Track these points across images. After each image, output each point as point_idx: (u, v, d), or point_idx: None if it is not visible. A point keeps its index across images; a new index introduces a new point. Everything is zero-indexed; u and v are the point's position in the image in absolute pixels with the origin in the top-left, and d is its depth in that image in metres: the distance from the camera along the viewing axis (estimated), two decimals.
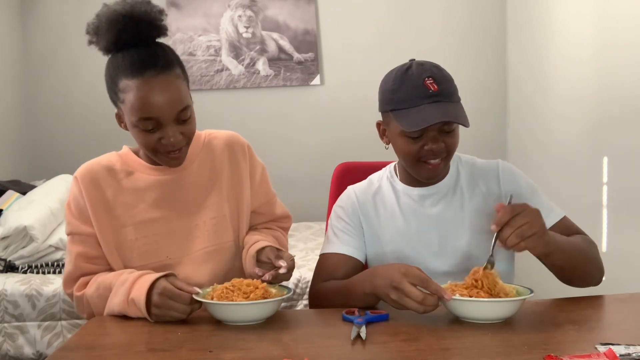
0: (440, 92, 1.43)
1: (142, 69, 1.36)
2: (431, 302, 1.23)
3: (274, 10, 4.08)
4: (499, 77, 4.02)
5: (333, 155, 3.48)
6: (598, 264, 1.49)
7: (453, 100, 1.45)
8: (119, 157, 1.54)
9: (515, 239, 1.26)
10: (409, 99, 1.44)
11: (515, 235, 1.26)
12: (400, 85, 1.46)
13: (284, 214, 1.71)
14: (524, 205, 1.30)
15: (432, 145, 1.44)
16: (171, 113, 1.38)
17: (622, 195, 2.58)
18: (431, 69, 1.45)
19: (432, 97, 1.42)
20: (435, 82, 1.43)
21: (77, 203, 1.49)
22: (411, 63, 1.49)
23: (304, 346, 1.17)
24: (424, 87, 1.42)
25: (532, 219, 1.27)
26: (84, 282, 1.48)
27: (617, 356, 1.03)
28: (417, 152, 1.47)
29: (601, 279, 1.50)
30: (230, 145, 1.60)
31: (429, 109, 1.41)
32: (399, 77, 1.47)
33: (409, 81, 1.44)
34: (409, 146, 1.47)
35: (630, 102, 2.47)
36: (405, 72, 1.47)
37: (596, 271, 1.49)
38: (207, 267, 1.50)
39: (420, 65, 1.47)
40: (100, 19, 1.38)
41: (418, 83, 1.43)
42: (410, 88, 1.44)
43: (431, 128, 1.43)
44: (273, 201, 1.68)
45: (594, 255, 1.48)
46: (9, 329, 2.67)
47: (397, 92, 1.46)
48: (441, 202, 1.55)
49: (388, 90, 1.49)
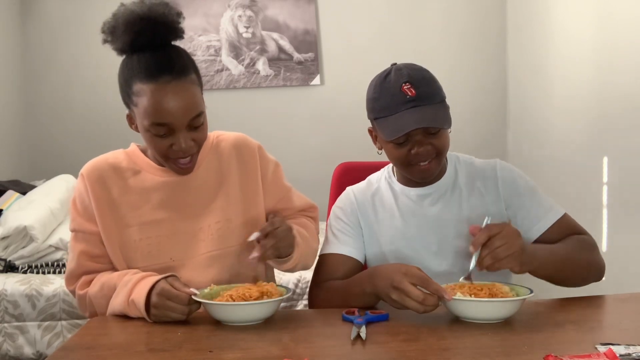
0: (418, 96, 1.43)
1: (157, 73, 1.34)
2: (432, 302, 1.23)
3: (274, 10, 4.08)
4: (499, 77, 4.02)
5: (333, 155, 3.48)
6: (592, 265, 1.48)
7: (433, 102, 1.45)
8: (126, 155, 1.53)
9: (489, 260, 1.29)
10: (388, 107, 1.45)
11: (489, 257, 1.28)
12: (380, 94, 1.47)
13: (306, 204, 1.66)
14: (502, 226, 1.31)
15: (419, 149, 1.45)
16: (184, 119, 1.36)
17: (622, 195, 2.58)
18: (409, 74, 1.45)
19: (410, 103, 1.43)
20: (412, 86, 1.43)
21: (82, 200, 1.48)
22: (391, 68, 1.49)
23: (304, 346, 1.17)
24: (401, 94, 1.43)
25: (509, 241, 1.29)
26: (87, 280, 1.48)
27: (617, 356, 1.03)
28: (405, 157, 1.47)
29: (600, 277, 1.49)
30: (238, 148, 1.57)
31: (407, 115, 1.42)
32: (378, 85, 1.48)
33: (387, 89, 1.46)
34: (397, 152, 1.48)
35: (630, 102, 2.47)
36: (384, 79, 1.48)
37: (592, 272, 1.48)
38: (211, 271, 1.49)
39: (398, 70, 1.47)
40: (117, 19, 1.36)
41: (395, 90, 1.44)
42: (388, 95, 1.45)
43: (415, 132, 1.43)
44: (289, 196, 1.63)
45: (589, 258, 1.48)
46: (9, 329, 2.66)
47: (378, 100, 1.47)
48: (439, 202, 1.55)
49: (370, 99, 1.50)
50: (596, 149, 2.76)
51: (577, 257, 1.45)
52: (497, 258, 1.28)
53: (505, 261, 1.29)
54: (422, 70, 1.49)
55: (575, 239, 1.50)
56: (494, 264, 1.28)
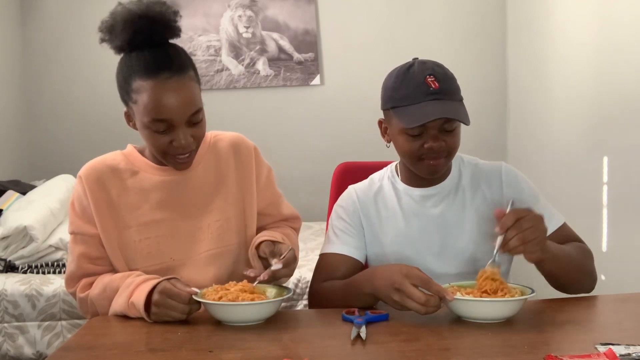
0: (442, 89, 1.43)
1: (156, 70, 1.35)
2: (433, 303, 1.23)
3: (274, 10, 4.07)
4: (499, 77, 4.02)
5: (333, 155, 3.47)
6: (590, 274, 1.49)
7: (454, 98, 1.46)
8: (123, 156, 1.53)
9: (516, 242, 1.27)
10: (409, 96, 1.44)
11: (517, 239, 1.27)
12: (402, 83, 1.46)
13: (292, 214, 1.68)
14: (528, 210, 1.31)
15: (433, 144, 1.44)
16: (184, 115, 1.37)
17: (622, 195, 2.58)
18: (433, 67, 1.46)
19: (433, 95, 1.42)
20: (436, 80, 1.43)
21: (80, 203, 1.48)
22: (414, 61, 1.50)
23: (304, 346, 1.17)
24: (425, 85, 1.43)
25: (535, 224, 1.28)
26: (87, 283, 1.48)
27: (617, 356, 1.03)
28: (417, 150, 1.46)
29: (593, 288, 1.50)
30: (236, 148, 1.58)
31: (430, 106, 1.42)
32: (400, 75, 1.48)
33: (411, 79, 1.45)
34: (409, 144, 1.47)
35: (630, 102, 2.47)
36: (407, 70, 1.47)
37: (588, 280, 1.49)
38: (211, 270, 1.49)
39: (423, 63, 1.47)
40: (115, 18, 1.37)
41: (419, 80, 1.44)
42: (411, 85, 1.44)
43: (432, 126, 1.43)
44: (279, 202, 1.66)
45: (587, 266, 1.49)
46: (9, 329, 2.66)
47: (399, 89, 1.46)
48: (443, 203, 1.55)
49: (390, 88, 1.49)
50: (596, 149, 2.76)
51: (580, 262, 1.47)
52: (525, 240, 1.27)
53: (530, 245, 1.28)
54: (444, 67, 1.49)
55: (577, 245, 1.51)
56: (520, 246, 1.27)
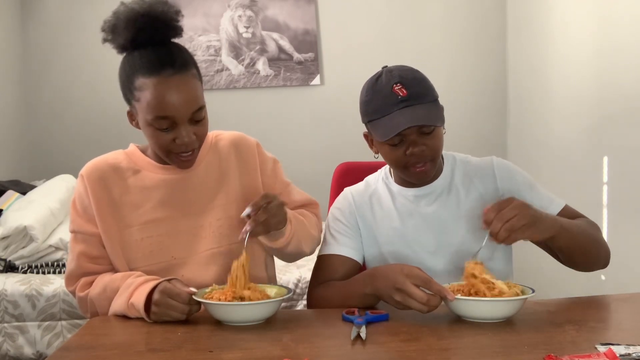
0: (410, 95, 1.44)
1: (159, 67, 1.36)
2: (435, 303, 1.23)
3: (274, 10, 4.07)
4: (499, 77, 4.02)
5: (333, 155, 3.47)
6: (603, 244, 1.51)
7: (425, 101, 1.46)
8: (125, 155, 1.53)
9: (504, 233, 1.29)
10: (380, 109, 1.46)
11: (504, 230, 1.29)
12: (372, 96, 1.48)
13: (306, 200, 1.64)
14: (510, 200, 1.32)
15: (414, 149, 1.45)
16: (187, 113, 1.38)
17: (622, 195, 2.58)
18: (399, 74, 1.47)
19: (403, 102, 1.44)
20: (403, 87, 1.44)
21: (82, 201, 1.48)
22: (382, 71, 1.51)
23: (304, 346, 1.17)
24: (393, 94, 1.44)
25: (520, 211, 1.30)
26: (87, 282, 1.48)
27: (617, 356, 1.03)
28: (402, 158, 1.47)
29: (608, 261, 1.51)
30: (237, 146, 1.58)
31: (399, 115, 1.43)
32: (370, 88, 1.50)
33: (379, 90, 1.47)
34: (393, 153, 1.48)
35: (630, 101, 2.47)
36: (375, 82, 1.49)
37: (602, 252, 1.50)
38: (212, 269, 1.49)
39: (389, 72, 1.48)
40: (118, 17, 1.38)
41: (387, 91, 1.45)
42: (380, 97, 1.46)
43: (409, 132, 1.44)
44: (289, 190, 1.62)
45: (599, 237, 1.51)
46: (9, 329, 2.66)
47: (370, 103, 1.49)
48: (436, 202, 1.56)
49: (363, 102, 1.52)
50: (596, 149, 2.77)
51: (592, 233, 1.48)
52: (512, 229, 1.28)
53: (520, 231, 1.29)
54: (413, 70, 1.50)
55: (584, 219, 1.53)
56: (510, 235, 1.29)
